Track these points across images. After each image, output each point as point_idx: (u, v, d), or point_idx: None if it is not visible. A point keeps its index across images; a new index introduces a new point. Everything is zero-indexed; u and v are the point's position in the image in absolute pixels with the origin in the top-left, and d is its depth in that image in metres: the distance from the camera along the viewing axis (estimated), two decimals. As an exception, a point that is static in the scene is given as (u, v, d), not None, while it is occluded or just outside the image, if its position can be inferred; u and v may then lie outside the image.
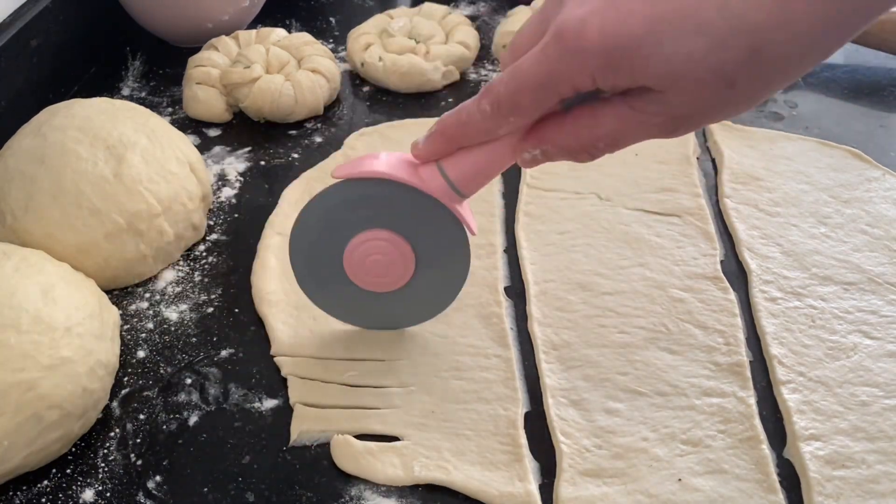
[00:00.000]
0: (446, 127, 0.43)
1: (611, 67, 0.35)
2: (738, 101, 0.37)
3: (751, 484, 0.47)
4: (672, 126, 0.38)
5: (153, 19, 0.85)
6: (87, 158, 0.58)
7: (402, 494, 0.47)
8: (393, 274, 0.49)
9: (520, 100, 0.39)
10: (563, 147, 0.40)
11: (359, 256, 0.49)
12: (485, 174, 0.44)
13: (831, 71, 0.84)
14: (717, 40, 0.34)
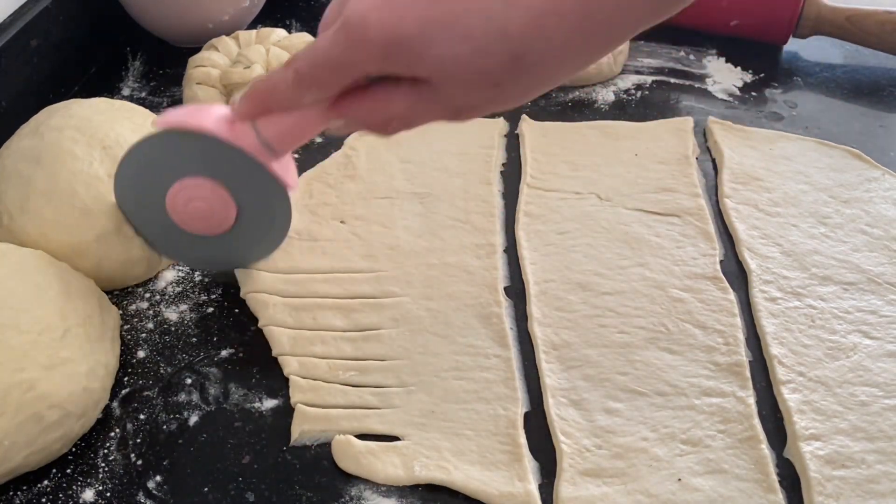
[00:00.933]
0: (258, 91, 0.45)
1: (390, 59, 0.39)
2: (507, 98, 0.41)
3: (750, 484, 0.47)
4: (453, 113, 0.42)
5: (153, 19, 0.85)
6: (82, 158, 0.58)
7: (403, 494, 0.47)
8: (214, 219, 0.53)
9: (318, 75, 0.42)
10: (362, 120, 0.44)
11: (181, 201, 0.52)
12: (297, 136, 0.48)
13: (831, 71, 0.84)
14: (480, 47, 0.37)
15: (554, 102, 0.79)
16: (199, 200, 0.52)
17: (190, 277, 0.61)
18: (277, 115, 0.46)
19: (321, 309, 0.57)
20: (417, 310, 0.57)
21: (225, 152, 0.48)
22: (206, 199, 0.52)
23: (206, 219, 0.53)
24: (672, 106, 0.79)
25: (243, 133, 0.47)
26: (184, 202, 0.52)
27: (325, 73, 0.42)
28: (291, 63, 0.43)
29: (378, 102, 0.42)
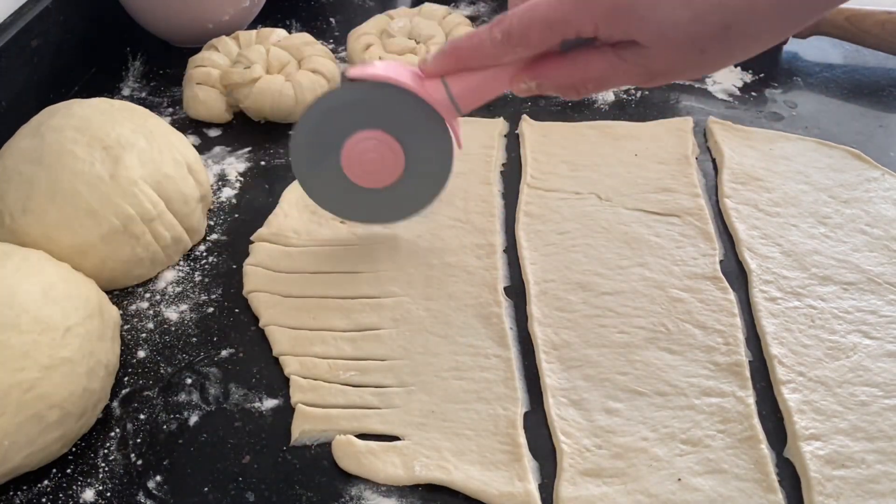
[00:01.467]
0: (458, 48, 0.49)
1: (612, 20, 0.42)
2: (705, 65, 0.45)
3: (750, 483, 0.47)
4: (649, 77, 0.45)
5: (153, 19, 0.85)
6: (84, 159, 0.58)
7: (403, 494, 0.47)
8: (383, 171, 0.56)
9: (529, 34, 0.45)
10: (556, 82, 0.47)
11: (357, 152, 0.55)
12: (483, 95, 0.51)
13: (831, 71, 0.84)
14: (698, 14, 0.41)
15: (554, 102, 0.79)
16: (373, 152, 0.55)
17: (190, 277, 0.61)
18: (467, 74, 0.49)
19: (321, 309, 0.57)
20: (417, 310, 0.57)
21: (413, 106, 0.51)
22: (380, 152, 0.55)
23: (374, 172, 0.56)
24: (672, 106, 0.79)
25: (434, 89, 0.50)
26: (359, 153, 0.55)
27: (536, 33, 0.44)
28: (499, 21, 0.46)
29: (577, 66, 0.46)
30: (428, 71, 0.50)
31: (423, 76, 0.51)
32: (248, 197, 0.69)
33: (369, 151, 0.55)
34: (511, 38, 0.46)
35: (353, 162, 0.55)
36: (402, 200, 0.58)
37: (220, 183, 0.70)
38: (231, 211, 0.67)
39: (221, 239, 0.65)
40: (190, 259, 0.63)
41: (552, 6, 0.43)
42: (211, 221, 0.66)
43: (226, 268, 0.62)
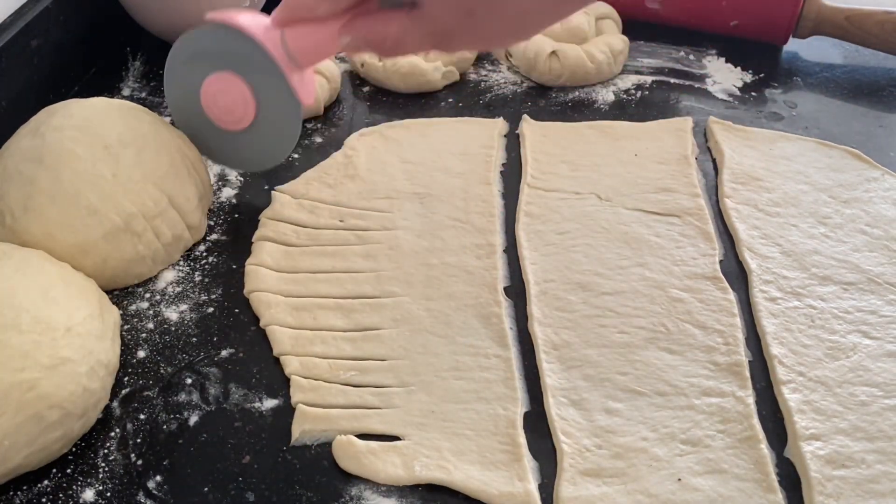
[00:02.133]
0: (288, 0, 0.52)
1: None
2: (482, 31, 0.47)
3: (750, 483, 0.47)
4: (437, 40, 0.48)
5: (153, 19, 0.85)
6: (85, 158, 0.58)
7: (403, 494, 0.47)
8: (236, 114, 0.60)
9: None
10: (363, 38, 0.50)
11: (212, 92, 0.60)
12: (316, 49, 0.54)
13: (831, 71, 0.84)
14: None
15: (554, 102, 0.79)
16: (226, 94, 0.59)
17: (190, 277, 0.61)
18: (303, 28, 0.53)
19: (322, 309, 0.57)
20: (417, 310, 0.57)
21: (255, 53, 0.54)
22: (232, 95, 0.58)
23: (229, 112, 0.60)
24: (672, 106, 0.79)
25: (273, 39, 0.53)
26: (213, 93, 0.59)
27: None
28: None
29: (378, 23, 0.49)
30: (272, 23, 0.54)
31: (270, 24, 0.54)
32: (247, 197, 0.69)
33: (223, 93, 0.59)
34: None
35: (210, 101, 0.60)
36: (258, 148, 0.63)
37: (220, 183, 0.70)
38: (231, 211, 0.67)
39: (221, 239, 0.65)
40: (190, 259, 0.63)
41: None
42: (211, 221, 0.66)
43: (226, 268, 0.62)
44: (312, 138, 0.75)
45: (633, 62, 0.85)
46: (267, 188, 0.69)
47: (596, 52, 0.80)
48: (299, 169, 0.71)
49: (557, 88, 0.81)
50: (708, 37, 0.88)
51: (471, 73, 0.84)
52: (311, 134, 0.76)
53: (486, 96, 0.81)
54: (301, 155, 0.73)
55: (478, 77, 0.83)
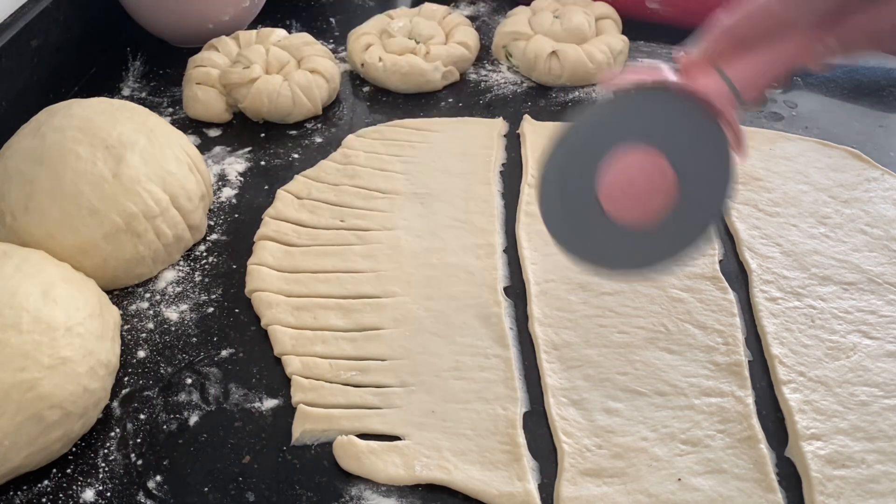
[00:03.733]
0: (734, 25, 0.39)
1: None
2: None
3: (750, 483, 0.47)
4: None
5: (153, 19, 0.85)
6: (86, 158, 0.58)
7: (403, 494, 0.47)
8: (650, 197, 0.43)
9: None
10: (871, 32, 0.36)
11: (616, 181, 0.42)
12: (770, 72, 0.40)
13: (831, 71, 0.84)
14: None
15: (554, 102, 0.79)
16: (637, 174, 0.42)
17: (190, 277, 0.61)
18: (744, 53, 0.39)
19: (322, 309, 0.57)
20: (418, 310, 0.57)
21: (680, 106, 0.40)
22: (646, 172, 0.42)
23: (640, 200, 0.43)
24: (672, 106, 0.79)
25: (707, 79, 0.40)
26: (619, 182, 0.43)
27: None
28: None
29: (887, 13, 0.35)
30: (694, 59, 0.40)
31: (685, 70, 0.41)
32: (247, 197, 0.69)
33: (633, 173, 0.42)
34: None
35: (613, 189, 0.43)
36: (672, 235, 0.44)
37: (220, 183, 0.70)
38: (231, 211, 0.67)
39: (221, 239, 0.65)
40: (190, 259, 0.63)
41: None
42: (211, 221, 0.66)
43: (226, 268, 0.62)
44: (312, 138, 0.75)
45: (633, 62, 0.85)
46: (267, 188, 0.69)
47: (596, 52, 0.80)
48: (299, 169, 0.71)
49: (557, 88, 0.81)
50: (708, 37, 0.88)
51: (471, 73, 0.84)
52: (311, 134, 0.76)
53: (486, 96, 0.81)
54: (301, 155, 0.73)
55: (478, 77, 0.83)
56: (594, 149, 0.42)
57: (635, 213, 0.43)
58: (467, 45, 0.82)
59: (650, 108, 0.41)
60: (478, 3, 0.97)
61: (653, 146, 0.41)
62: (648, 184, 0.42)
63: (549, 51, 0.79)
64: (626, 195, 0.43)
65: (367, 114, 0.79)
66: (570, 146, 0.43)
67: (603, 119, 0.42)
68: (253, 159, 0.73)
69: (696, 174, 0.42)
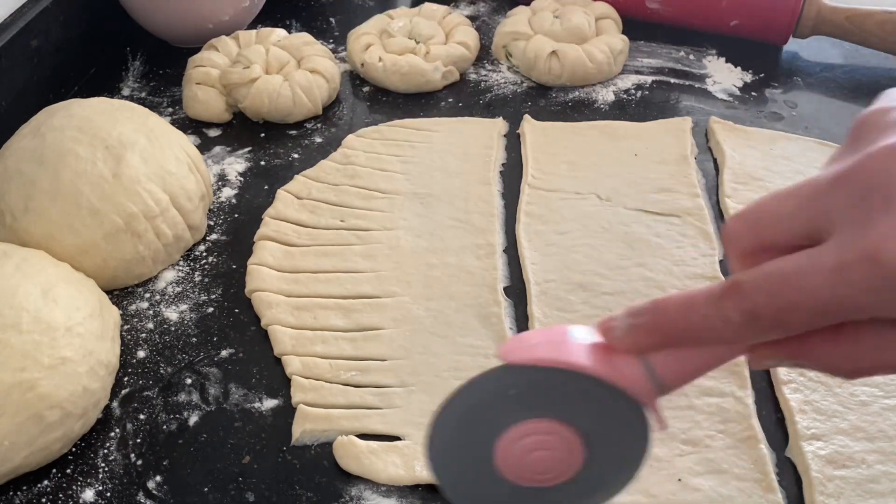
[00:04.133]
0: (665, 324, 0.35)
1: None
2: None
3: (750, 483, 0.47)
4: None
5: (153, 19, 0.85)
6: (85, 158, 0.58)
7: (403, 494, 0.47)
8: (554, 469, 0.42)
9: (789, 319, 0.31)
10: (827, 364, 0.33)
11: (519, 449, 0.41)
12: (700, 371, 0.37)
13: (831, 71, 0.84)
14: None
15: (554, 102, 0.79)
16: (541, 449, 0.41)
17: (190, 277, 0.61)
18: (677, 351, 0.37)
19: (322, 309, 0.57)
20: (417, 310, 0.57)
21: (594, 391, 0.38)
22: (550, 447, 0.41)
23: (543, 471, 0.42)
24: (672, 106, 0.79)
25: (626, 366, 0.38)
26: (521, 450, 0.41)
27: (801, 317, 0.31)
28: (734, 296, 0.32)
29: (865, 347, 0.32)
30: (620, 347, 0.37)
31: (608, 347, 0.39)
32: (247, 197, 0.69)
33: (536, 448, 0.41)
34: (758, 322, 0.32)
35: (513, 462, 0.41)
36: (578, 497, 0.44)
37: (220, 183, 0.70)
38: (231, 211, 0.67)
39: (221, 239, 0.65)
40: (190, 259, 0.63)
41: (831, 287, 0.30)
42: (211, 221, 0.66)
43: (226, 268, 0.62)
44: (312, 138, 0.75)
45: (633, 62, 0.85)
46: (267, 188, 0.69)
47: (596, 52, 0.80)
48: (299, 169, 0.71)
49: (557, 88, 0.81)
50: (708, 37, 0.88)
51: (471, 73, 0.84)
52: (311, 134, 0.76)
53: (486, 96, 0.81)
54: (301, 155, 0.73)
55: (478, 77, 0.83)
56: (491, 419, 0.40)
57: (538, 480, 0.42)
58: (467, 45, 0.82)
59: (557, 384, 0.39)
60: (478, 3, 0.97)
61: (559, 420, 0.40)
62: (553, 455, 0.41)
63: (549, 51, 0.79)
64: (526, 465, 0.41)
65: (367, 114, 0.79)
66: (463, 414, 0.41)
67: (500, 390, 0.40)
68: (253, 159, 0.73)
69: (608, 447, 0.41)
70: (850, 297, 0.29)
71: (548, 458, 0.41)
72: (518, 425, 0.40)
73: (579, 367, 0.37)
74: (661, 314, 0.35)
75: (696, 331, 0.34)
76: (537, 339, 0.39)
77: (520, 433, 0.40)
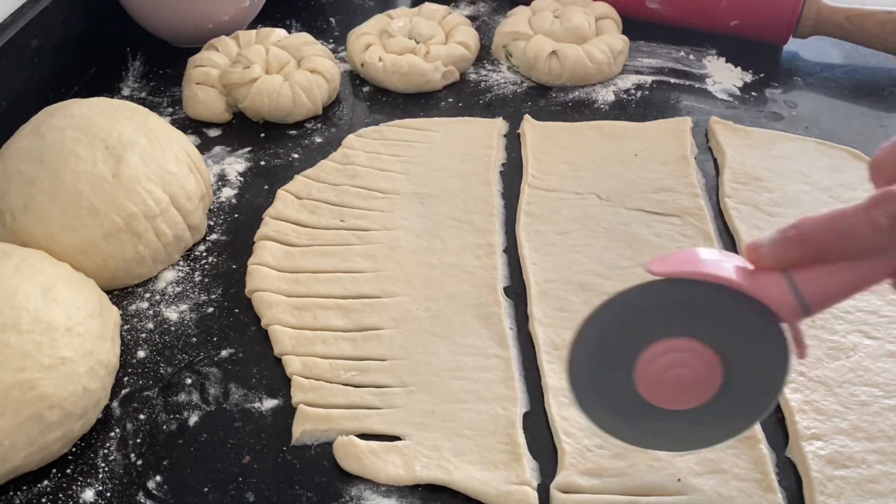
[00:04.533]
0: (813, 235, 0.35)
1: None
2: None
3: (750, 483, 0.47)
4: None
5: (153, 19, 0.85)
6: (85, 158, 0.58)
7: (403, 494, 0.47)
8: (692, 390, 0.41)
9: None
10: None
11: (658, 367, 0.41)
12: (845, 292, 0.37)
13: (831, 71, 0.84)
14: None
15: (554, 102, 0.79)
16: (681, 367, 0.41)
17: (190, 277, 0.61)
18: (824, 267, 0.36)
19: (322, 309, 0.57)
20: (417, 310, 0.57)
21: (738, 308, 0.38)
22: (691, 367, 0.40)
23: (681, 391, 0.41)
24: (672, 106, 0.79)
25: (773, 285, 0.37)
26: (660, 368, 0.41)
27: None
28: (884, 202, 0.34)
29: None
30: (766, 262, 0.37)
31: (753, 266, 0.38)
32: (247, 197, 0.69)
33: (675, 366, 0.40)
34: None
35: (652, 380, 0.41)
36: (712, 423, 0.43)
37: (220, 183, 0.70)
38: (231, 211, 0.67)
39: (221, 239, 0.65)
40: (190, 259, 0.63)
41: None
42: (211, 221, 0.66)
43: (226, 268, 0.62)
44: (312, 138, 0.75)
45: (633, 62, 0.85)
46: (267, 188, 0.69)
47: (596, 52, 0.80)
48: (299, 169, 0.71)
49: (557, 88, 0.81)
50: (708, 37, 0.88)
51: (471, 73, 0.84)
52: (311, 134, 0.76)
53: (486, 96, 0.81)
54: (301, 155, 0.73)
55: (478, 77, 0.83)
56: (632, 335, 0.40)
57: (675, 401, 0.42)
58: (467, 45, 0.82)
59: (702, 300, 0.39)
60: (478, 3, 0.97)
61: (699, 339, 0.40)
62: (692, 376, 0.41)
63: (549, 51, 0.79)
64: (665, 384, 0.41)
65: (367, 114, 0.79)
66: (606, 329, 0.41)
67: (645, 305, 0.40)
68: (253, 159, 0.73)
69: (747, 371, 0.40)
70: None
71: (686, 377, 0.41)
72: (659, 342, 0.40)
73: (727, 280, 0.37)
74: (810, 226, 0.35)
75: (844, 239, 0.34)
76: (684, 256, 0.39)
77: (660, 350, 0.40)
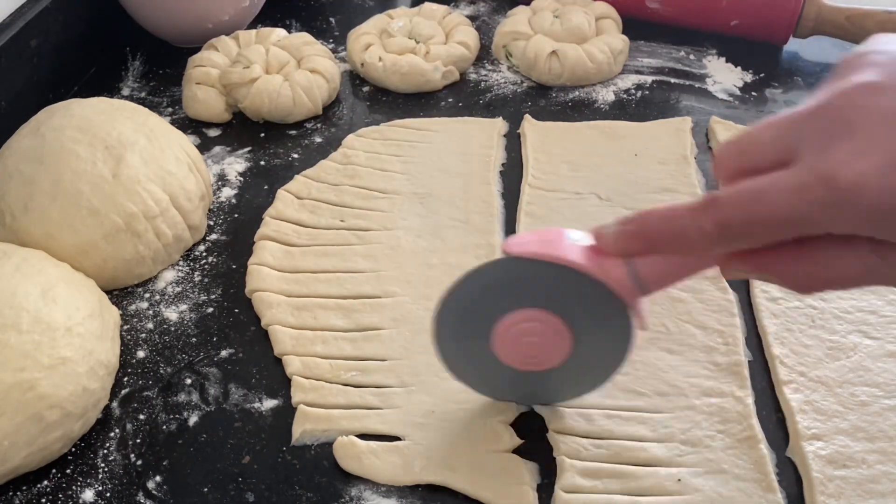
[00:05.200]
0: (649, 231, 0.39)
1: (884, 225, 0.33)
2: None
3: (750, 483, 0.47)
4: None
5: (153, 19, 0.85)
6: (85, 158, 0.58)
7: (402, 494, 0.47)
8: (544, 355, 0.47)
9: (754, 231, 0.35)
10: (784, 277, 0.37)
11: (513, 334, 0.46)
12: (677, 276, 0.42)
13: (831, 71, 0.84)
14: None
15: (554, 102, 0.79)
16: (533, 335, 0.46)
17: (190, 277, 0.61)
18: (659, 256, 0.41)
19: (322, 309, 0.57)
20: (417, 310, 0.57)
21: (586, 287, 0.42)
22: (542, 335, 0.46)
23: (533, 356, 0.47)
24: (672, 106, 0.79)
25: (613, 268, 0.42)
26: (515, 335, 0.46)
27: (765, 230, 0.35)
28: (710, 208, 0.36)
29: (818, 264, 0.35)
30: (608, 250, 0.41)
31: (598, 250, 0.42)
32: (247, 197, 0.69)
33: (528, 334, 0.46)
34: (728, 231, 0.35)
35: (507, 345, 0.47)
36: (564, 383, 0.50)
37: (220, 183, 0.70)
38: (231, 211, 0.67)
39: (221, 239, 0.65)
40: (190, 259, 0.63)
41: (791, 203, 0.33)
42: (211, 221, 0.66)
43: (225, 268, 0.62)
44: (312, 138, 0.75)
45: (633, 62, 0.85)
46: (267, 188, 0.69)
47: (596, 52, 0.80)
48: (299, 169, 0.71)
49: (557, 88, 0.81)
50: (708, 37, 0.88)
51: (471, 73, 0.84)
52: (311, 134, 0.76)
53: (486, 96, 0.81)
54: (301, 155, 0.73)
55: (478, 77, 0.83)
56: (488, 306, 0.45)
57: (528, 364, 0.47)
58: (467, 44, 0.82)
59: (551, 278, 0.43)
60: (478, 3, 0.97)
61: (552, 311, 0.44)
62: (542, 342, 0.46)
63: (549, 50, 0.79)
64: (519, 349, 0.46)
65: (367, 114, 0.79)
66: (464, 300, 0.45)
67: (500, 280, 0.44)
68: (253, 159, 0.73)
69: (594, 340, 0.46)
70: (807, 213, 0.33)
71: (538, 344, 0.46)
72: (514, 312, 0.45)
73: (571, 263, 0.42)
74: (646, 223, 0.39)
75: (674, 238, 0.37)
76: (536, 237, 0.44)
77: (516, 319, 0.45)
